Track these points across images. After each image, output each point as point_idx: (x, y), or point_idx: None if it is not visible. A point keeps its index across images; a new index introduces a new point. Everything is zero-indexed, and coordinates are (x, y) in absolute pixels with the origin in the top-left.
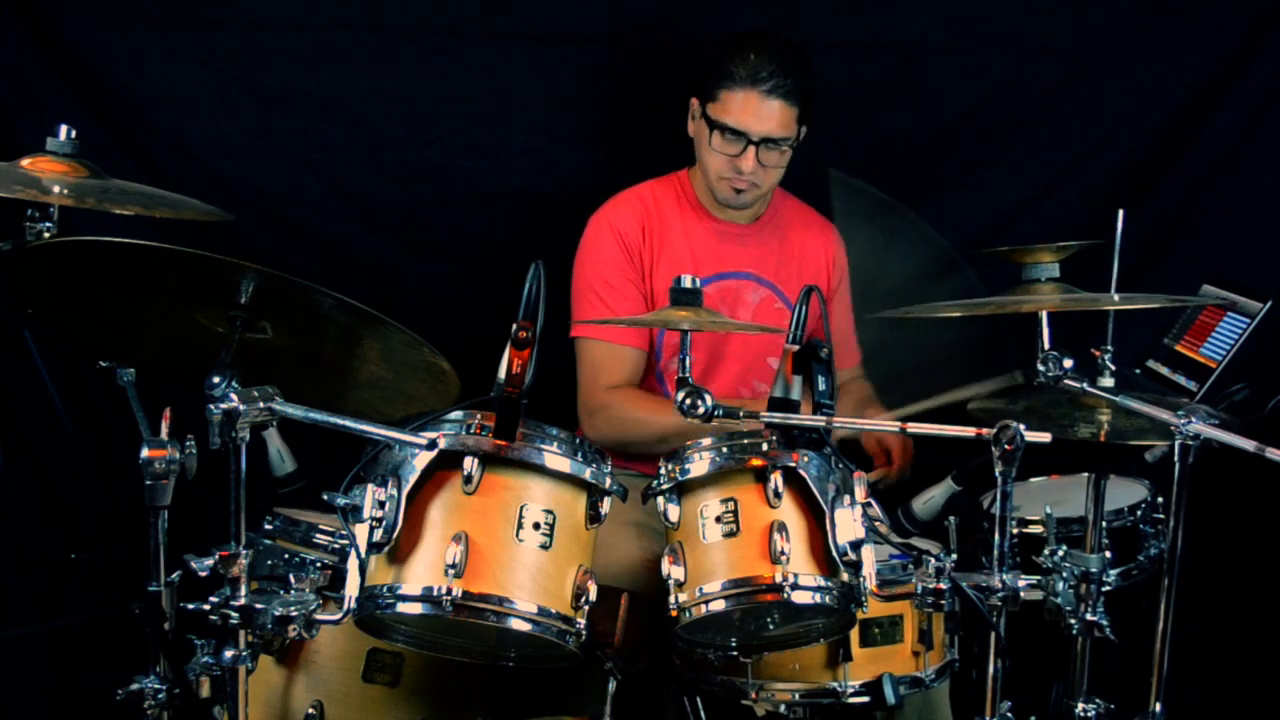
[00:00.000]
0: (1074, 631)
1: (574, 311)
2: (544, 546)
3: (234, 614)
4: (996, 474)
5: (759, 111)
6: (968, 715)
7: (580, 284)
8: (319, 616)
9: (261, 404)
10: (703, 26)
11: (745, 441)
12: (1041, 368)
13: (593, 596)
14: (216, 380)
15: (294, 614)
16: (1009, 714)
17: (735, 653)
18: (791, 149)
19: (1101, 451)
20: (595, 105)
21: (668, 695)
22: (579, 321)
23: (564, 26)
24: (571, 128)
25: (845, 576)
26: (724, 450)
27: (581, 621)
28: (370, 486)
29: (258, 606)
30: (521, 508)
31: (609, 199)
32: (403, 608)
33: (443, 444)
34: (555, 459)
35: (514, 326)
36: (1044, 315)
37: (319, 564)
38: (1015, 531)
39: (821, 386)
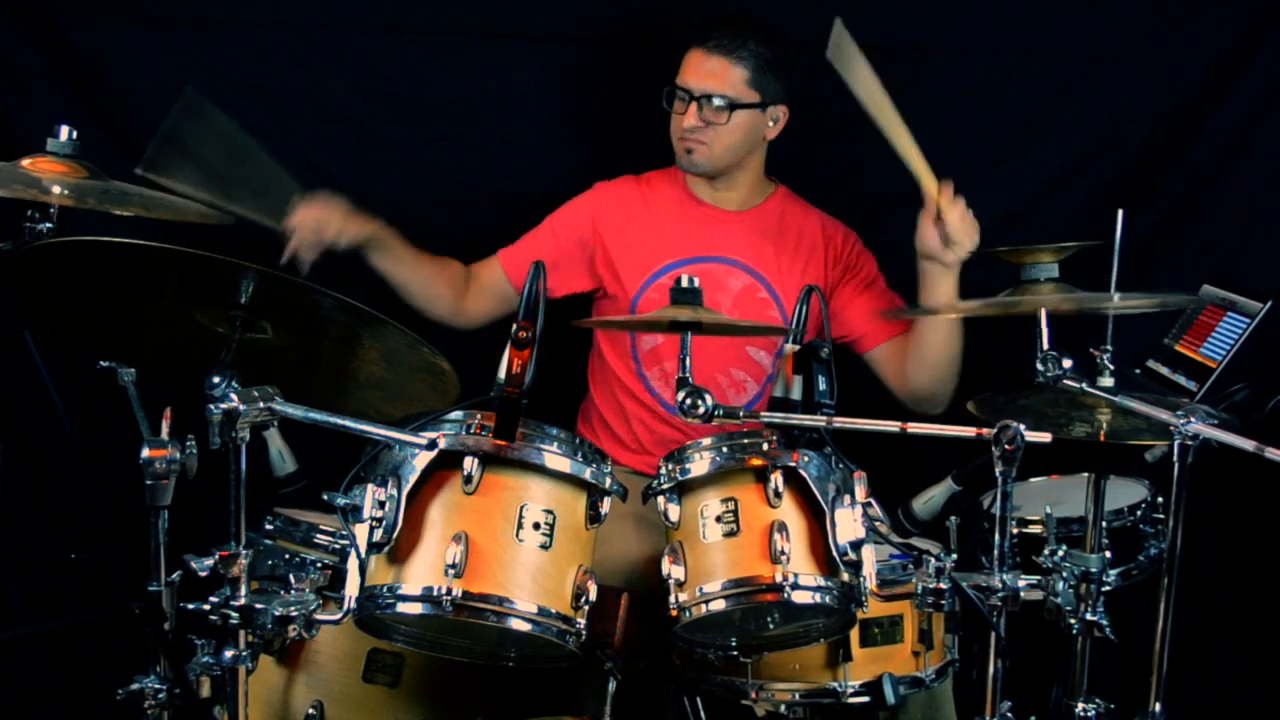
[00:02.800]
0: (1074, 631)
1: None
2: (544, 546)
3: (234, 614)
4: (996, 474)
5: (699, 67)
6: (968, 715)
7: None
8: (319, 616)
9: (261, 404)
10: None
11: (745, 441)
12: (1041, 368)
13: (593, 596)
14: (216, 380)
15: (294, 614)
16: (1009, 714)
17: (735, 653)
18: (736, 110)
19: (1101, 451)
20: (595, 105)
21: (668, 695)
22: (583, 321)
23: (563, 26)
24: (571, 128)
25: (845, 576)
26: (724, 450)
27: (581, 621)
28: (370, 486)
29: (258, 606)
30: (521, 508)
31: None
32: (403, 608)
33: (443, 444)
34: (555, 459)
35: (514, 326)
36: (1043, 315)
37: (319, 564)
38: (1015, 531)
39: (822, 386)
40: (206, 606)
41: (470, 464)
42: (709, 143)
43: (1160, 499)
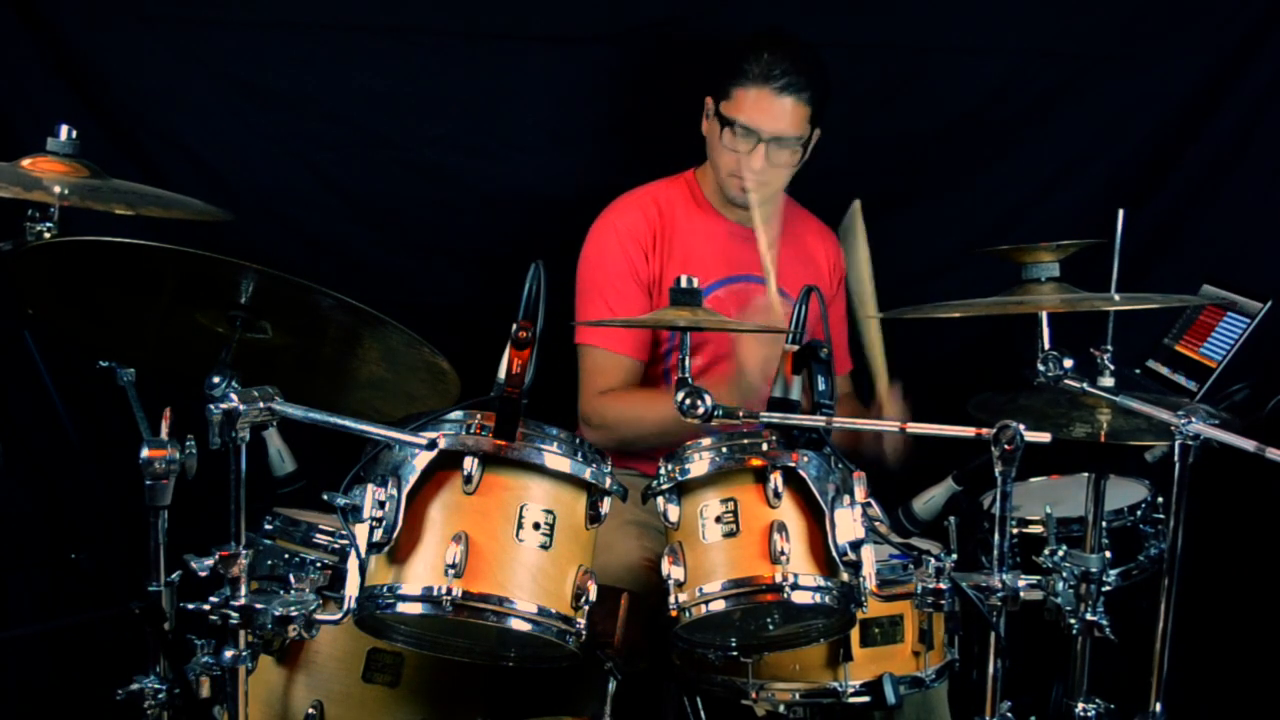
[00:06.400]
0: (1074, 631)
1: (578, 316)
2: (544, 546)
3: (234, 614)
4: (996, 474)
5: (770, 109)
6: (968, 715)
7: (585, 288)
8: (319, 616)
9: (261, 404)
10: (704, 26)
11: (745, 441)
12: (1042, 368)
13: (593, 596)
14: (216, 380)
15: (294, 614)
16: (1009, 714)
17: (735, 653)
18: (803, 149)
19: (1101, 451)
20: (595, 105)
21: (668, 695)
22: (580, 325)
23: (564, 26)
24: (571, 128)
25: (845, 576)
26: (724, 450)
27: (581, 621)
28: (370, 486)
29: (258, 606)
30: (521, 508)
31: (614, 201)
32: (403, 608)
33: (443, 444)
34: (555, 459)
35: (514, 326)
36: (1044, 315)
37: (319, 564)
38: (1015, 531)
39: (821, 386)
40: (206, 606)
41: (470, 464)
42: (770, 182)
43: (1160, 499)
